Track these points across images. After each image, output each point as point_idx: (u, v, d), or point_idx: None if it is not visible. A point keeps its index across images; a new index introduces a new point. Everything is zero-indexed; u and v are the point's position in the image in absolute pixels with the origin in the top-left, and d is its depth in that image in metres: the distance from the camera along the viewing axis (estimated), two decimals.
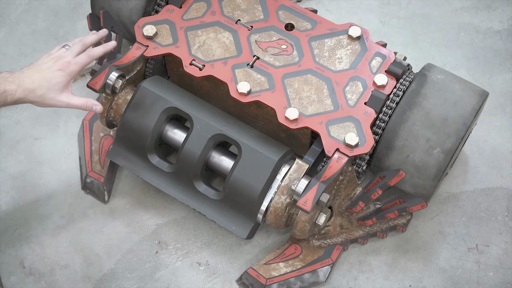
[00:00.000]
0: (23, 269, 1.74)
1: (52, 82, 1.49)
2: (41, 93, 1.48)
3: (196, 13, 1.75)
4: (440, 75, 1.65)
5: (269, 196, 1.58)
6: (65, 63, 1.52)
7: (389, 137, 1.61)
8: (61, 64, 1.51)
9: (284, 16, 1.74)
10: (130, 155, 1.69)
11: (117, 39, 1.72)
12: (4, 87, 1.45)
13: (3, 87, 1.45)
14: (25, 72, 1.49)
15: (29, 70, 1.50)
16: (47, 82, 1.48)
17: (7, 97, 1.45)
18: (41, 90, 1.48)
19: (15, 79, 1.47)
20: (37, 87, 1.47)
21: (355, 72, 1.67)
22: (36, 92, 1.48)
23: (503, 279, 1.71)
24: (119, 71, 1.65)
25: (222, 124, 1.62)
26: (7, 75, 1.47)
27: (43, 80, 1.48)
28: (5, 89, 1.45)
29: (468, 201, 1.81)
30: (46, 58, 1.54)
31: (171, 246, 1.77)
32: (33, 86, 1.47)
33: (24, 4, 2.12)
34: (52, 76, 1.49)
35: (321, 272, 1.69)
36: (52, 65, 1.51)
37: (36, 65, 1.51)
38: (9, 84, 1.45)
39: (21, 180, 1.85)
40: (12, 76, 1.47)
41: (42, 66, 1.51)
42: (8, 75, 1.47)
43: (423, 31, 2.06)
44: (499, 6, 2.09)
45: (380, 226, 1.72)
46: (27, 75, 1.48)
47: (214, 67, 1.68)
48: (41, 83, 1.48)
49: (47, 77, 1.48)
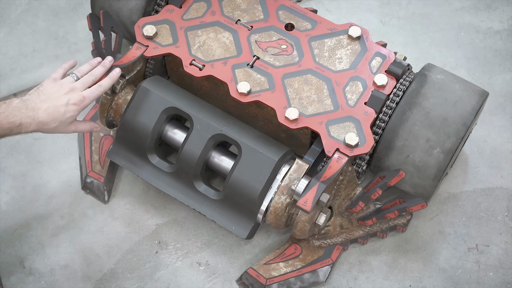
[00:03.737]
0: (23, 269, 1.74)
1: (66, 116, 1.51)
2: (54, 126, 1.51)
3: (196, 13, 1.75)
4: (440, 75, 1.65)
5: (269, 196, 1.58)
6: (80, 97, 1.52)
7: (389, 137, 1.61)
8: (75, 99, 1.52)
9: (284, 16, 1.74)
10: (130, 155, 1.69)
11: (117, 39, 1.72)
12: (20, 119, 1.46)
13: (19, 120, 1.46)
14: (38, 103, 1.49)
15: (41, 101, 1.49)
16: (61, 116, 1.50)
17: (21, 129, 1.48)
18: (54, 124, 1.50)
19: (29, 112, 1.47)
20: (51, 121, 1.50)
21: (355, 72, 1.67)
22: (49, 125, 1.50)
23: (503, 279, 1.71)
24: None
25: (222, 124, 1.62)
26: (20, 105, 1.47)
27: (57, 114, 1.50)
28: (21, 122, 1.46)
29: (468, 201, 1.81)
30: (53, 85, 1.53)
31: (171, 246, 1.77)
32: (47, 120, 1.49)
33: (24, 4, 2.12)
34: (66, 110, 1.51)
35: (321, 272, 1.69)
36: (64, 97, 1.51)
37: (47, 95, 1.50)
38: (24, 118, 1.47)
39: (21, 180, 1.86)
40: (26, 107, 1.47)
41: (54, 96, 1.51)
42: (22, 105, 1.47)
43: (423, 31, 2.06)
44: (499, 6, 2.09)
45: (380, 226, 1.72)
46: (42, 108, 1.48)
47: (214, 67, 1.68)
48: (55, 117, 1.50)
49: (61, 111, 1.50)
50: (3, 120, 1.45)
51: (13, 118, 1.46)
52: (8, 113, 1.46)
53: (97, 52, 1.66)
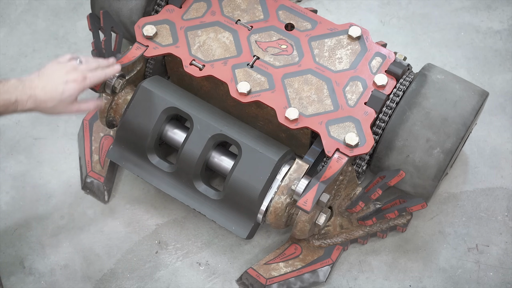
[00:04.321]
0: (23, 269, 1.74)
1: (65, 94, 1.46)
2: (52, 105, 1.45)
3: (196, 13, 1.75)
4: (440, 75, 1.65)
5: (269, 196, 1.58)
6: (81, 76, 1.48)
7: (389, 137, 1.61)
8: (75, 76, 1.47)
9: (284, 16, 1.74)
10: (130, 155, 1.69)
11: (117, 39, 1.72)
12: (15, 96, 1.41)
13: (14, 97, 1.41)
14: (36, 81, 1.44)
15: (40, 80, 1.45)
16: (60, 94, 1.45)
17: (17, 107, 1.42)
18: (52, 102, 1.45)
19: (26, 89, 1.43)
20: (49, 99, 1.44)
21: (355, 72, 1.67)
22: (47, 104, 1.44)
23: (503, 279, 1.71)
24: (119, 71, 1.65)
25: (222, 124, 1.62)
26: (17, 84, 1.42)
27: (56, 92, 1.44)
28: (17, 99, 1.41)
29: (468, 201, 1.81)
30: (55, 66, 1.49)
31: (171, 246, 1.77)
32: (45, 98, 1.44)
33: (24, 4, 2.12)
34: (66, 88, 1.46)
35: (321, 272, 1.69)
36: (65, 75, 1.47)
37: (47, 74, 1.46)
38: (20, 94, 1.41)
39: (21, 180, 1.86)
40: (22, 85, 1.43)
41: (53, 75, 1.47)
42: (18, 84, 1.43)
43: (423, 31, 2.06)
44: (499, 6, 2.09)
45: (380, 226, 1.72)
46: (39, 86, 1.44)
47: (214, 67, 1.68)
48: (53, 95, 1.44)
49: (59, 90, 1.45)
50: None
51: (9, 95, 1.40)
52: (4, 91, 1.40)
53: (97, 52, 1.66)
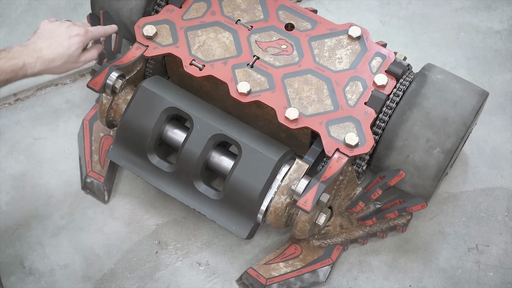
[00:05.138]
0: (23, 269, 1.74)
1: (72, 48, 1.46)
2: (61, 62, 1.45)
3: (196, 13, 1.75)
4: (440, 75, 1.65)
5: (269, 196, 1.58)
6: (83, 30, 1.49)
7: (389, 137, 1.61)
8: (77, 30, 1.48)
9: (284, 16, 1.74)
10: (130, 155, 1.69)
11: (117, 39, 1.72)
12: (22, 60, 1.40)
13: (22, 61, 1.40)
14: (39, 43, 1.44)
15: (43, 41, 1.44)
16: (66, 50, 1.45)
17: (27, 71, 1.41)
18: (61, 59, 1.45)
19: (32, 52, 1.42)
20: (57, 57, 1.44)
21: (355, 72, 1.67)
22: (56, 62, 1.44)
23: (503, 279, 1.71)
24: (119, 71, 1.65)
25: (222, 124, 1.62)
26: (21, 49, 1.41)
27: (62, 48, 1.44)
28: (24, 63, 1.40)
29: (468, 201, 1.81)
30: (51, 25, 1.48)
31: (171, 246, 1.77)
32: (53, 56, 1.43)
33: (24, 4, 2.12)
34: (70, 43, 1.46)
35: (321, 272, 1.69)
36: (66, 31, 1.47)
37: (48, 34, 1.46)
38: (27, 58, 1.40)
39: (21, 180, 1.85)
40: (27, 49, 1.42)
41: (55, 33, 1.46)
42: (23, 49, 1.42)
43: (423, 31, 2.06)
44: (499, 6, 2.09)
45: (380, 226, 1.72)
46: (43, 46, 1.43)
47: (214, 67, 1.68)
48: (60, 52, 1.44)
49: (65, 45, 1.45)
50: (4, 64, 1.38)
51: (15, 60, 1.39)
52: (10, 57, 1.39)
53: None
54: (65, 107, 1.96)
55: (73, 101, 1.96)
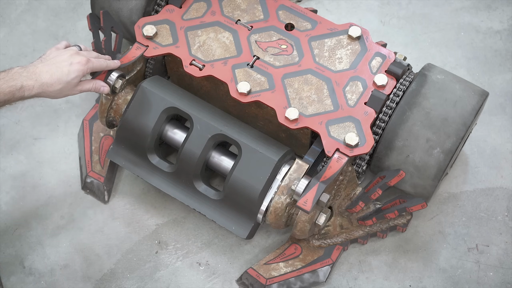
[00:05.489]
0: (23, 269, 1.74)
1: (71, 76, 1.49)
2: (59, 88, 1.48)
3: (196, 13, 1.75)
4: (440, 75, 1.65)
5: (269, 196, 1.58)
6: (85, 59, 1.52)
7: (389, 137, 1.61)
8: (79, 59, 1.51)
9: (284, 16, 1.74)
10: (130, 155, 1.69)
11: (117, 39, 1.72)
12: (21, 82, 1.44)
13: (20, 83, 1.44)
14: (39, 66, 1.48)
15: (44, 65, 1.48)
16: (65, 76, 1.48)
17: (24, 93, 1.45)
18: (59, 85, 1.48)
19: (32, 75, 1.46)
20: (55, 82, 1.47)
21: (355, 72, 1.67)
22: (54, 87, 1.48)
23: (503, 279, 1.71)
24: (119, 71, 1.65)
25: (222, 124, 1.62)
26: (21, 70, 1.46)
27: (61, 74, 1.48)
28: (23, 85, 1.44)
29: (468, 201, 1.81)
30: (56, 52, 1.53)
31: (171, 246, 1.77)
32: (51, 81, 1.47)
33: (24, 4, 2.12)
34: (71, 70, 1.49)
35: (321, 272, 1.69)
36: (68, 58, 1.50)
37: (50, 59, 1.50)
38: (26, 80, 1.45)
39: (21, 180, 1.85)
40: (26, 71, 1.46)
41: (57, 59, 1.50)
42: (22, 70, 1.46)
43: (423, 31, 2.06)
44: (499, 6, 2.09)
45: (380, 226, 1.72)
46: (43, 70, 1.47)
47: (214, 67, 1.68)
48: (58, 77, 1.48)
49: (64, 71, 1.48)
50: (3, 85, 1.42)
51: (14, 82, 1.43)
52: (8, 78, 1.43)
53: (97, 52, 1.66)
54: (65, 107, 1.96)
55: (73, 101, 1.96)
